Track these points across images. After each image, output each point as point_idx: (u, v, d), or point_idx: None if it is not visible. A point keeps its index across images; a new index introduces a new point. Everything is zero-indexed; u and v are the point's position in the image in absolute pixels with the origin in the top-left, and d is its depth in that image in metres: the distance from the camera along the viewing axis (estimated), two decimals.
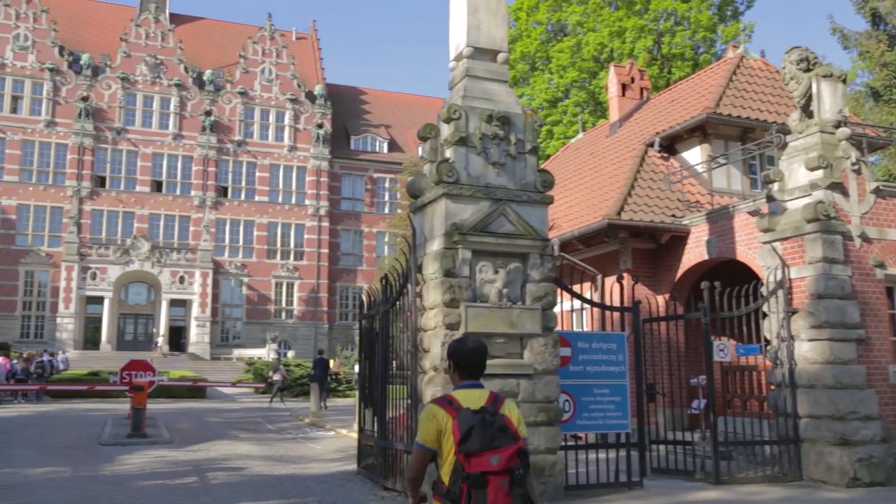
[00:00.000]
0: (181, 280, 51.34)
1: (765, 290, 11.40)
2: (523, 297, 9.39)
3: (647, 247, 15.74)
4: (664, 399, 12.26)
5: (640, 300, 11.49)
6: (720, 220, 14.21)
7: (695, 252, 14.85)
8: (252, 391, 34.14)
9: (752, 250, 13.11)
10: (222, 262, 54.74)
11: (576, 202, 18.19)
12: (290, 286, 57.01)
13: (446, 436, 3.61)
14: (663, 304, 14.03)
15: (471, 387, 3.82)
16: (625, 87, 22.43)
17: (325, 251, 57.85)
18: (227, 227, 55.74)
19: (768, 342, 11.49)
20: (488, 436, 3.51)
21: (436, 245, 9.38)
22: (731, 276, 12.99)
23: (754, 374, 13.45)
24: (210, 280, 52.22)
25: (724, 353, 11.38)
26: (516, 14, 39.37)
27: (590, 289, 15.59)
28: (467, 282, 9.14)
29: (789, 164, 11.84)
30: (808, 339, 10.87)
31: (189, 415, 23.45)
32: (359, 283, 58.34)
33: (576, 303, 11.08)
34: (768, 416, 11.76)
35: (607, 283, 13.37)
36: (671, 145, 17.66)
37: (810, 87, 11.84)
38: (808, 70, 12.00)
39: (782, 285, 11.23)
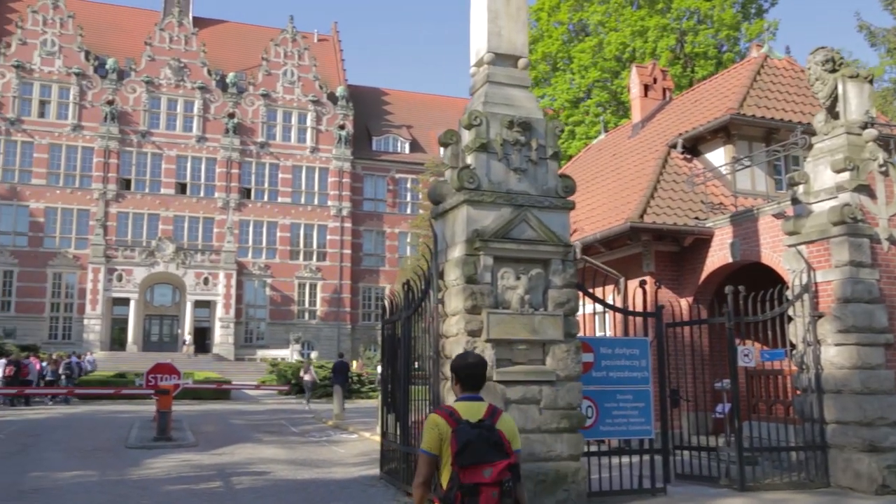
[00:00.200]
0: (205, 281, 51.76)
1: (790, 294, 11.27)
2: (545, 303, 9.35)
3: (671, 249, 15.63)
4: (688, 403, 12.17)
5: (663, 305, 11.40)
6: (744, 222, 14.07)
7: (719, 255, 14.73)
8: (276, 393, 34.36)
9: (777, 253, 12.97)
10: (246, 263, 55.13)
11: (598, 204, 18.11)
12: (312, 287, 57.29)
13: (446, 445, 3.96)
14: (687, 307, 13.93)
15: (471, 399, 4.18)
16: (647, 87, 22.30)
17: (347, 252, 58.06)
18: (251, 229, 56.13)
19: (794, 346, 11.35)
20: (482, 451, 3.86)
21: (457, 252, 9.38)
22: (755, 280, 12.88)
23: (779, 378, 13.31)
24: (234, 281, 52.59)
25: (749, 359, 11.28)
26: (537, 14, 39.22)
27: (612, 292, 15.54)
28: (489, 288, 9.13)
29: (815, 165, 11.70)
30: (835, 344, 10.72)
31: (213, 417, 23.67)
32: (381, 284, 58.58)
33: (598, 306, 11.01)
34: (794, 421, 11.62)
35: (630, 287, 13.29)
36: (694, 146, 17.53)
37: (836, 88, 11.68)
38: (833, 71, 11.83)
39: (808, 289, 11.09)
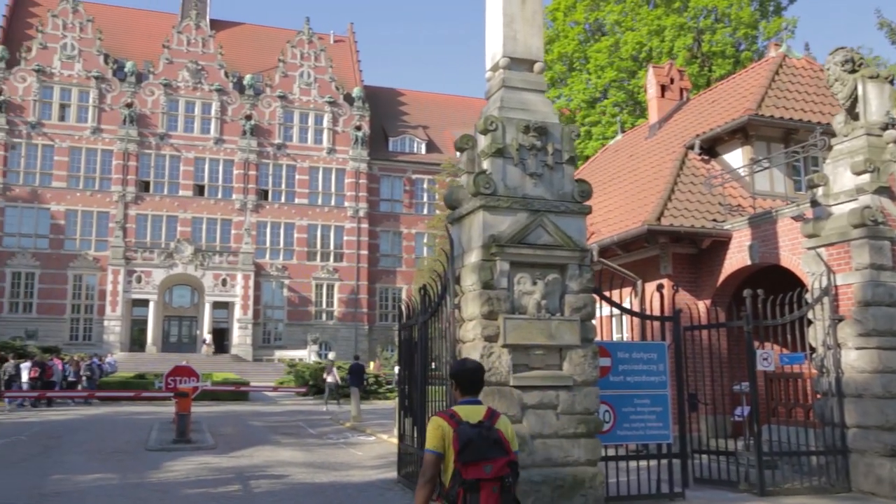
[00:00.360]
0: (223, 282, 52.11)
1: (810, 298, 11.18)
2: (562, 308, 9.33)
3: (688, 252, 15.52)
4: (706, 407, 12.09)
5: (680, 308, 11.35)
6: (763, 224, 13.96)
7: (737, 257, 14.62)
8: (293, 394, 34.50)
9: (796, 256, 12.86)
10: (263, 264, 55.41)
11: (615, 206, 18.03)
12: (330, 288, 57.49)
13: (449, 445, 4.14)
14: (704, 310, 13.84)
15: (470, 403, 4.35)
16: (664, 87, 22.19)
17: (364, 252, 58.22)
18: (268, 230, 56.42)
19: (813, 350, 11.26)
20: (483, 448, 4.05)
21: (473, 257, 9.38)
22: (774, 282, 12.78)
23: (799, 381, 13.19)
24: (252, 282, 52.90)
25: (768, 363, 11.18)
26: (553, 14, 39.09)
27: (630, 294, 15.47)
28: (505, 294, 9.12)
29: (834, 167, 11.59)
30: (856, 348, 10.63)
31: (232, 418, 23.81)
32: (398, 285, 58.69)
33: (615, 308, 10.97)
34: (814, 424, 11.52)
35: (647, 289, 13.23)
36: (712, 147, 17.40)
37: (855, 88, 11.57)
38: (853, 71, 11.71)
39: (828, 292, 11.00)
